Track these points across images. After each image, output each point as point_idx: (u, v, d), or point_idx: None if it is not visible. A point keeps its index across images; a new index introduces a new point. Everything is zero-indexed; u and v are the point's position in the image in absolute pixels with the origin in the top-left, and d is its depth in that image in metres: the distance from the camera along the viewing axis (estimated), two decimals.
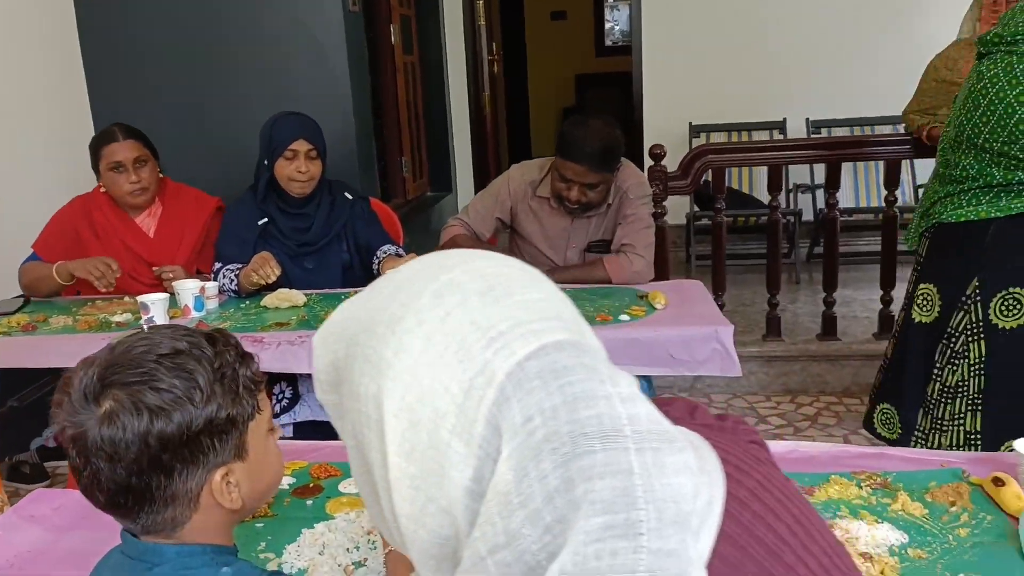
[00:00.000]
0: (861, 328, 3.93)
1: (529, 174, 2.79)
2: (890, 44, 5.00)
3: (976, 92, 2.12)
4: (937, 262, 2.31)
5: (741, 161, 4.02)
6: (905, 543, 1.22)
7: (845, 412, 3.55)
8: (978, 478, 1.38)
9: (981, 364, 2.19)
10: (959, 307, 2.21)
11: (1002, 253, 2.13)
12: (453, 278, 0.63)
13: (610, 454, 0.54)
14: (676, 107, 5.38)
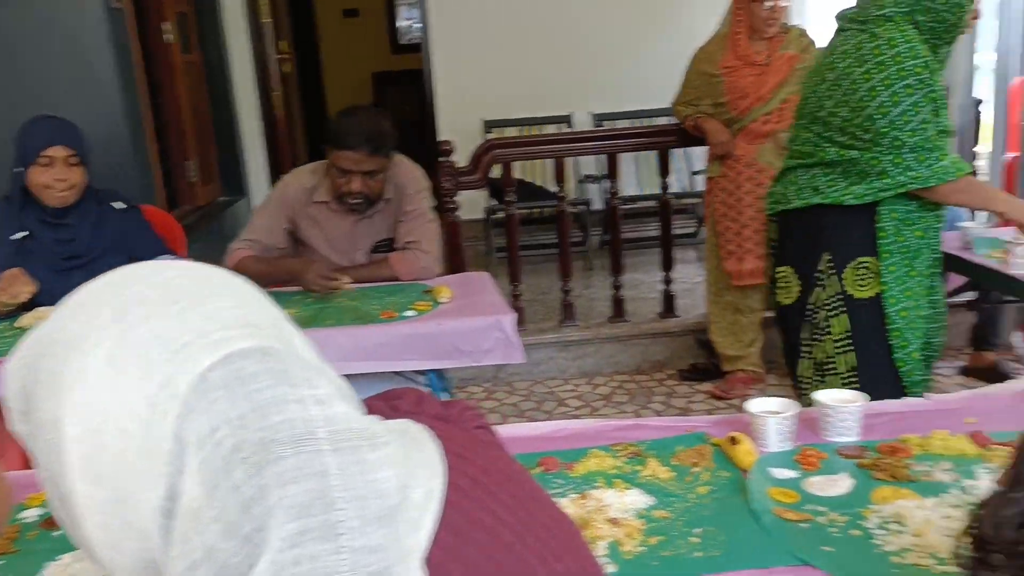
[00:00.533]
0: (648, 308, 4.18)
1: (303, 180, 2.72)
2: (662, 39, 5.33)
3: (825, 66, 2.18)
4: (787, 244, 2.32)
5: (528, 154, 4.15)
6: (652, 505, 1.32)
7: (636, 389, 3.76)
8: (718, 439, 1.51)
9: (848, 338, 2.22)
10: (815, 283, 2.24)
11: (843, 229, 2.20)
12: (137, 292, 0.61)
13: (303, 458, 0.54)
14: (469, 104, 5.47)
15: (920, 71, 2.03)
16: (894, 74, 2.03)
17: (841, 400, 1.50)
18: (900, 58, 2.04)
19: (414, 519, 0.60)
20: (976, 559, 0.90)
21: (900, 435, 1.48)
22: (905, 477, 1.35)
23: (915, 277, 2.20)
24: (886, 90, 2.04)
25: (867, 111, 2.06)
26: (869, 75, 2.06)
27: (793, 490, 1.34)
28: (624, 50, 5.55)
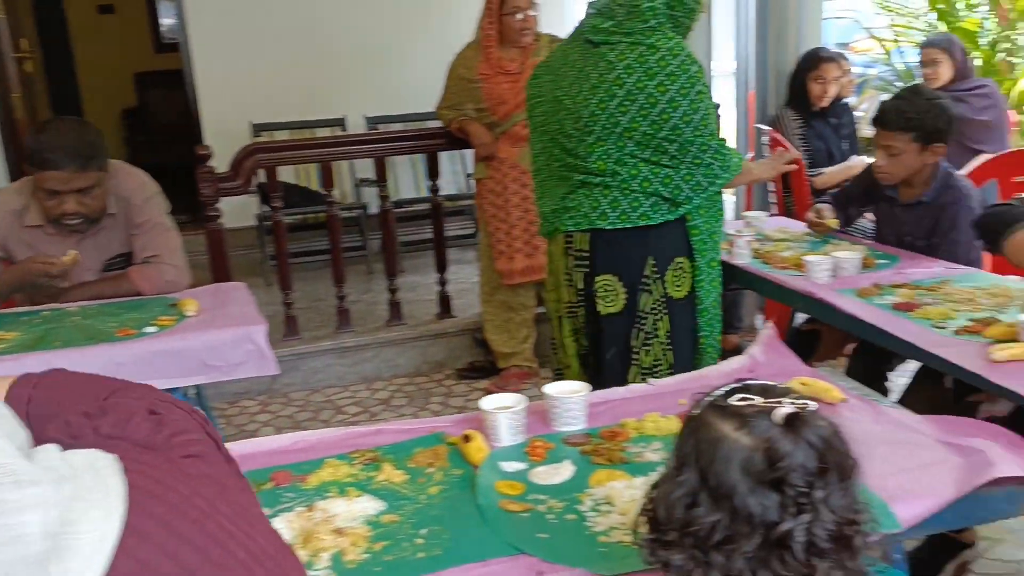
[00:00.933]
0: (427, 310, 4.21)
1: (9, 203, 2.45)
2: (430, 42, 5.37)
3: (611, 82, 2.09)
4: (607, 253, 2.24)
5: (293, 159, 4.05)
6: (382, 510, 1.33)
7: (416, 391, 3.78)
8: (454, 437, 1.54)
9: (669, 341, 2.25)
10: (642, 289, 2.22)
11: (663, 233, 2.22)
12: None
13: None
14: (236, 106, 5.26)
15: (701, 75, 2.10)
16: (686, 83, 2.06)
17: (567, 391, 1.58)
18: (685, 66, 2.08)
19: (75, 569, 0.56)
20: (652, 539, 0.98)
21: (621, 420, 1.59)
22: (620, 459, 1.44)
23: (716, 268, 2.33)
24: (684, 99, 2.06)
25: (671, 122, 2.06)
26: (664, 87, 2.05)
27: (520, 482, 1.40)
28: (394, 52, 5.54)
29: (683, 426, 0.99)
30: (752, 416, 0.92)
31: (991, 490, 1.28)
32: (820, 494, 0.89)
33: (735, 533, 0.90)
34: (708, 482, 0.92)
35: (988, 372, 1.67)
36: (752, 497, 0.89)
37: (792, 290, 2.36)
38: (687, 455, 0.95)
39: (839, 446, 0.93)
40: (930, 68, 4.01)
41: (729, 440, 0.91)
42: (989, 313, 1.97)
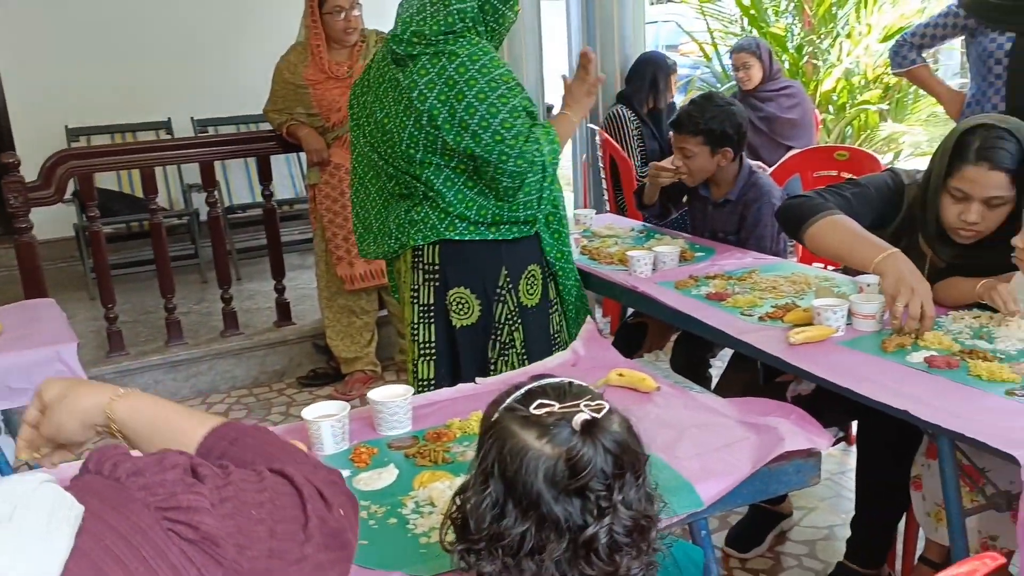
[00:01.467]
0: (263, 319, 4.09)
1: None
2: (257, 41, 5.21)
3: (417, 100, 2.04)
4: (459, 266, 2.20)
5: (110, 165, 3.83)
6: None
7: (255, 402, 3.67)
8: None
9: (525, 351, 2.24)
10: (496, 299, 2.20)
11: (513, 242, 2.19)
12: None
13: None
14: (48, 110, 4.91)
15: (506, 78, 2.04)
16: (485, 87, 2.01)
17: (390, 395, 1.59)
18: (485, 70, 2.02)
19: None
20: (463, 548, 0.99)
21: (447, 420, 1.61)
22: (444, 460, 1.46)
23: (572, 269, 2.35)
24: (482, 104, 2.00)
25: (471, 128, 2.01)
26: (462, 95, 2.00)
27: None
28: (221, 50, 5.31)
29: (483, 432, 1.00)
30: (552, 424, 0.94)
31: (781, 464, 1.39)
32: (618, 495, 0.93)
33: (544, 541, 0.92)
34: (514, 493, 0.93)
35: (786, 355, 1.80)
36: (558, 505, 0.92)
37: (617, 285, 2.45)
38: (491, 465, 0.96)
39: (632, 444, 0.96)
40: (742, 71, 4.28)
41: (533, 450, 0.93)
42: (790, 299, 2.13)
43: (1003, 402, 1.50)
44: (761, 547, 2.39)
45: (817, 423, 1.48)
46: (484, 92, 2.01)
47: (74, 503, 0.62)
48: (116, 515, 0.63)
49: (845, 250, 1.98)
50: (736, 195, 2.69)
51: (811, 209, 2.05)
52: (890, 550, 2.13)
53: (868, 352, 1.77)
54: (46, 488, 0.61)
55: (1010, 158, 1.83)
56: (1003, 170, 1.83)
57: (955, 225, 1.92)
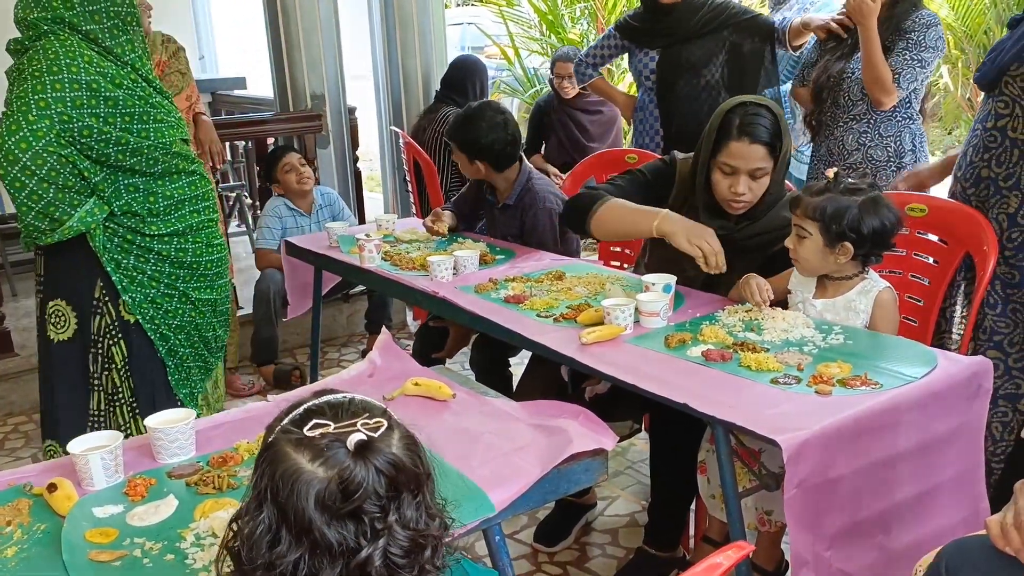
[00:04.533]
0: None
1: None
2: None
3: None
4: (61, 276, 2.21)
5: None
6: None
7: (34, 429, 3.36)
8: (39, 488, 1.38)
9: (126, 366, 2.22)
10: (93, 312, 2.18)
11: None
12: None
13: None
14: None
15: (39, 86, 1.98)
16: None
17: (169, 420, 1.49)
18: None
19: None
20: (238, 574, 0.94)
21: (235, 443, 1.53)
22: (229, 486, 1.39)
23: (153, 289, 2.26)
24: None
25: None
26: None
27: (114, 527, 1.29)
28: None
29: (259, 456, 0.96)
30: (326, 445, 0.91)
31: (570, 464, 1.43)
32: (393, 516, 0.91)
33: (317, 567, 0.89)
34: (288, 518, 0.89)
35: (579, 355, 1.85)
36: (330, 529, 0.89)
37: (418, 290, 2.44)
38: (265, 489, 0.92)
39: (410, 464, 0.94)
40: (566, 81, 4.44)
41: (305, 474, 0.90)
42: (584, 300, 2.20)
43: (768, 390, 1.61)
44: (568, 540, 2.46)
45: (603, 423, 1.54)
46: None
47: None
48: None
49: (627, 226, 2.20)
50: (513, 200, 2.80)
51: (588, 201, 2.24)
52: (683, 532, 2.26)
53: (653, 348, 1.86)
54: None
55: (767, 132, 2.02)
56: (761, 143, 2.02)
57: (727, 197, 2.09)
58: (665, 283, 2.05)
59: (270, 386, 3.60)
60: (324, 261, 2.88)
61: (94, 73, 2.02)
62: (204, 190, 2.28)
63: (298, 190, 3.67)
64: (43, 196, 2.01)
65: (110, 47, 2.08)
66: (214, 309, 2.35)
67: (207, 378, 2.39)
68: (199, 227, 2.27)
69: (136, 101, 2.10)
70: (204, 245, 2.28)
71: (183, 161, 2.21)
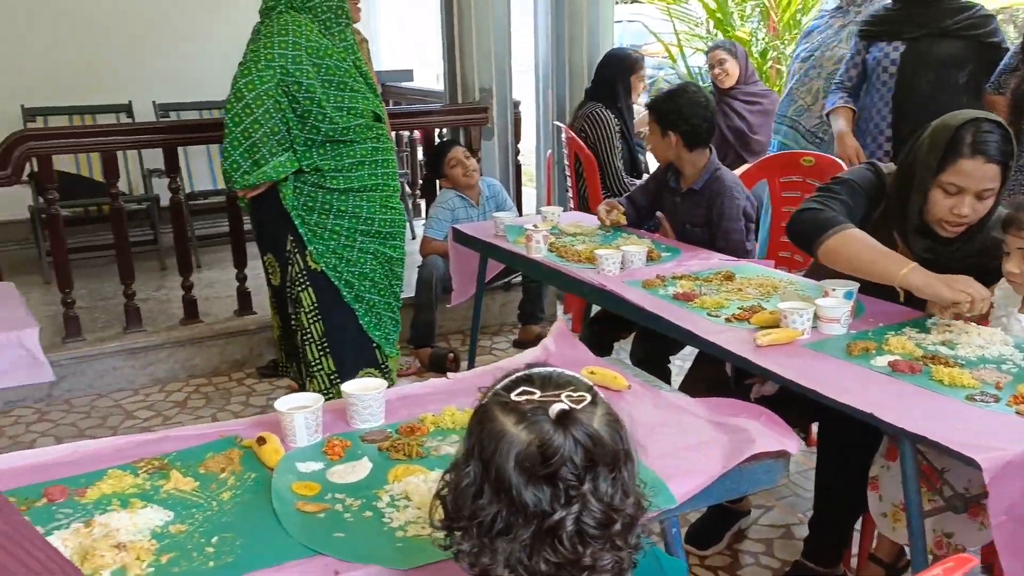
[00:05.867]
0: (224, 307, 4.03)
1: None
2: (226, 27, 5.14)
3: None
4: (266, 233, 2.62)
5: (71, 147, 3.75)
6: (169, 521, 1.27)
7: (214, 391, 3.62)
8: (248, 440, 1.50)
9: (315, 310, 2.54)
10: (287, 262, 2.55)
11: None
12: None
13: None
14: (4, 88, 4.78)
15: (266, 65, 2.39)
16: (245, 67, 2.42)
17: (363, 388, 1.58)
18: (255, 52, 2.42)
19: None
20: (446, 525, 1.01)
21: (420, 415, 1.61)
22: (418, 454, 1.46)
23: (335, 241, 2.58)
24: (237, 80, 2.44)
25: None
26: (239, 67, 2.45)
27: (316, 482, 1.38)
28: (187, 34, 5.25)
29: (472, 416, 1.02)
30: (531, 411, 0.96)
31: (752, 464, 1.42)
32: (588, 486, 0.95)
33: (512, 523, 0.94)
34: (490, 474, 0.95)
35: (753, 356, 1.83)
36: (527, 490, 0.93)
37: (584, 282, 2.47)
38: (473, 446, 0.98)
39: (609, 439, 0.97)
40: (718, 68, 4.33)
41: (508, 435, 0.95)
42: (756, 301, 2.17)
43: (963, 407, 1.54)
44: (720, 544, 2.43)
45: (786, 425, 1.51)
46: (243, 70, 2.43)
47: None
48: None
49: (864, 266, 1.99)
50: (700, 185, 2.75)
51: (824, 223, 2.04)
52: (846, 549, 2.19)
53: (833, 355, 1.81)
54: None
55: (1000, 150, 1.89)
56: (996, 162, 1.88)
57: (945, 218, 1.95)
58: (847, 289, 1.99)
59: (425, 368, 3.73)
60: (490, 249, 2.96)
61: (313, 41, 2.40)
62: (384, 156, 2.59)
63: (465, 183, 3.78)
64: (252, 135, 2.38)
65: (329, 27, 2.46)
66: (392, 265, 2.67)
67: (397, 330, 2.68)
68: (374, 188, 2.57)
69: (341, 72, 2.45)
70: (379, 204, 2.58)
71: (370, 130, 2.52)
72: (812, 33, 3.66)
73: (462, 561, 0.98)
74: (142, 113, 5.03)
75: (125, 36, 5.10)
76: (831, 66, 3.39)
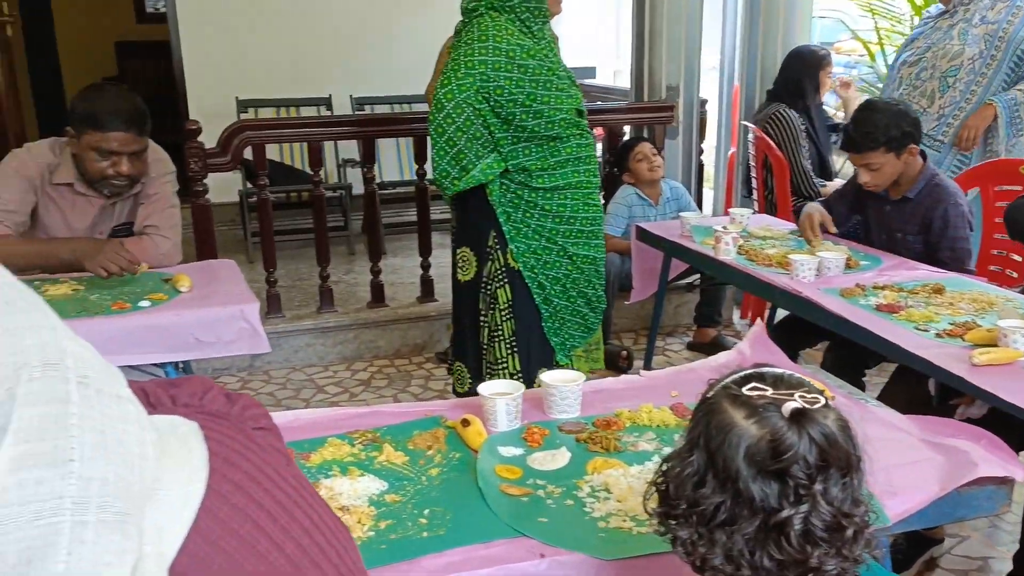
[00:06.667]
0: (407, 293, 4.22)
1: (44, 157, 2.49)
2: (419, 25, 5.36)
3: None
4: (467, 227, 2.65)
5: (281, 137, 4.03)
6: (384, 490, 1.36)
7: (395, 373, 3.80)
8: (452, 421, 1.57)
9: (510, 308, 2.53)
10: (487, 258, 2.55)
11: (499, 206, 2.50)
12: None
13: (49, 382, 0.52)
14: (222, 81, 5.21)
15: (471, 65, 2.37)
16: (448, 68, 2.42)
17: (563, 380, 1.62)
18: (459, 53, 2.41)
19: (163, 523, 0.59)
20: (662, 512, 1.03)
21: (615, 410, 1.62)
22: (615, 448, 1.48)
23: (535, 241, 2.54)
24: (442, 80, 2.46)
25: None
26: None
27: (518, 466, 1.43)
28: (384, 33, 5.52)
29: (697, 407, 1.03)
30: (762, 407, 0.96)
31: (972, 489, 1.34)
32: (819, 487, 0.94)
33: (737, 515, 0.94)
34: (715, 465, 0.96)
35: (968, 375, 1.72)
36: (755, 483, 0.94)
37: (775, 287, 2.40)
38: (698, 436, 0.99)
39: (843, 442, 0.96)
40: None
41: (738, 428, 0.95)
42: (969, 318, 2.04)
43: None
44: (909, 572, 2.30)
45: (1010, 450, 1.42)
46: (444, 71, 2.47)
47: (184, 419, 0.69)
48: (217, 422, 0.72)
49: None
50: (915, 193, 2.59)
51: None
52: None
53: None
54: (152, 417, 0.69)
55: None
56: None
57: None
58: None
59: None
60: (675, 249, 2.94)
61: (513, 43, 2.39)
62: (587, 153, 2.56)
63: (648, 179, 3.75)
64: (456, 143, 2.41)
65: (529, 26, 2.45)
66: (592, 265, 2.60)
67: (585, 335, 2.62)
68: (578, 185, 2.54)
69: (543, 71, 2.43)
70: (581, 202, 2.55)
71: (574, 127, 2.49)
72: (916, 40, 3.48)
73: (677, 548, 0.99)
74: (339, 106, 5.34)
75: (328, 34, 5.43)
76: (945, 64, 3.25)
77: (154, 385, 0.77)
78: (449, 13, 2.67)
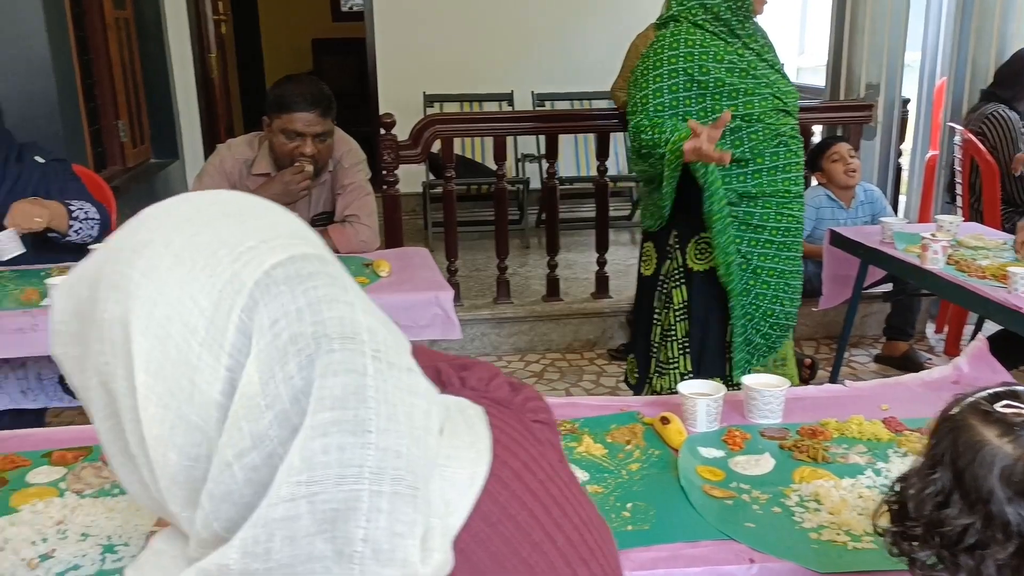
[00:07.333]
0: (582, 288, 4.24)
1: (241, 152, 2.66)
2: (604, 23, 5.37)
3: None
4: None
5: (468, 131, 4.14)
6: (586, 480, 1.37)
7: (567, 367, 3.82)
8: (650, 418, 1.56)
9: (685, 308, 2.46)
10: (666, 256, 2.49)
11: (685, 208, 2.37)
12: (199, 206, 0.63)
13: (347, 354, 0.56)
14: (410, 77, 5.42)
15: (658, 65, 2.30)
16: (639, 68, 2.34)
17: (766, 384, 1.57)
18: (646, 54, 2.35)
19: (453, 499, 0.62)
20: (897, 532, 0.98)
21: (820, 419, 1.56)
22: (823, 458, 1.42)
23: (727, 246, 2.36)
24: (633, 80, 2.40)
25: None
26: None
27: (720, 468, 1.40)
28: (566, 31, 5.57)
29: (939, 424, 0.97)
30: (1019, 425, 0.89)
31: None
32: None
33: (988, 539, 0.89)
34: (963, 484, 0.90)
35: None
36: (1010, 506, 0.88)
37: (991, 301, 2.23)
38: (942, 454, 0.94)
39: None
40: None
41: (991, 446, 0.90)
42: None
43: None
44: None
45: None
46: (636, 71, 2.39)
47: (471, 403, 0.72)
48: (500, 409, 0.75)
49: None
50: None
51: None
52: None
53: None
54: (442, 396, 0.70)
55: None
56: None
57: None
58: None
59: None
60: (874, 255, 2.79)
61: (691, 60, 2.27)
62: (787, 162, 2.37)
63: (843, 181, 3.58)
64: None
65: (732, 27, 2.31)
66: (780, 280, 2.40)
67: (768, 351, 2.46)
68: (772, 194, 2.36)
69: (733, 78, 2.28)
70: (773, 211, 2.37)
71: (773, 136, 2.32)
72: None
73: (915, 571, 0.94)
74: (520, 102, 5.43)
75: (511, 31, 5.54)
76: None
77: (447, 364, 0.80)
78: (632, 11, 2.65)
